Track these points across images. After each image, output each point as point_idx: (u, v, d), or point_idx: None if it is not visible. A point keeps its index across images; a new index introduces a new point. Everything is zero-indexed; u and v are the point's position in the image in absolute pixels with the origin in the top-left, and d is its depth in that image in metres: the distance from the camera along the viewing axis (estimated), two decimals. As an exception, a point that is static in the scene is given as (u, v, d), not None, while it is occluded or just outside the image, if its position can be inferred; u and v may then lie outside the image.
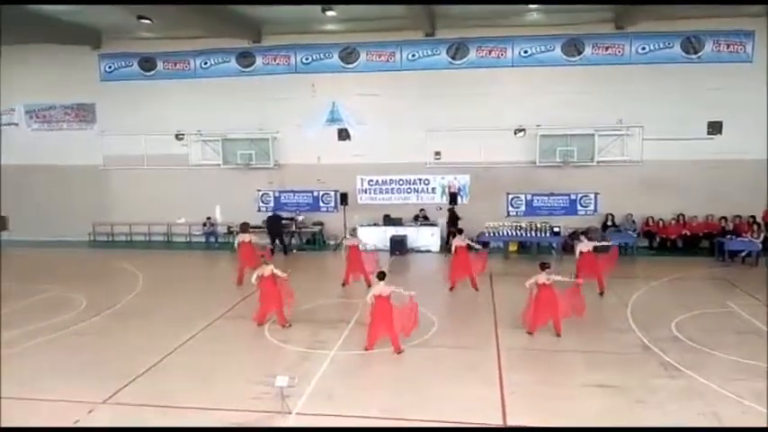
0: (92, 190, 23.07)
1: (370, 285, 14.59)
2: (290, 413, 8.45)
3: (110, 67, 22.68)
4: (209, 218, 21.98)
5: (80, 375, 9.98)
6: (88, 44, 22.16)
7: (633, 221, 19.82)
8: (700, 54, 19.47)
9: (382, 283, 10.94)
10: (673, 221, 19.84)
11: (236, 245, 16.98)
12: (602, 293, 14.46)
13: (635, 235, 19.37)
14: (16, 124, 23.62)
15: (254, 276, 12.46)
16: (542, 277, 11.51)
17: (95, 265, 19.55)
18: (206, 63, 22.04)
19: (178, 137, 22.38)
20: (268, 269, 12.36)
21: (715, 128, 19.65)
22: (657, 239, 19.84)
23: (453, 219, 20.00)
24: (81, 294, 14.98)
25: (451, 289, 15.18)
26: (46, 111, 23.38)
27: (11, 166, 23.28)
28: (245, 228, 16.88)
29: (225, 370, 10.31)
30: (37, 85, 23.12)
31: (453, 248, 15.36)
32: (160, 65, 22.33)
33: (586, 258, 14.55)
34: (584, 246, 14.69)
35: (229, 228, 21.90)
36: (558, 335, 11.52)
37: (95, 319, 13.23)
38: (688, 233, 19.58)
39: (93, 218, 23.12)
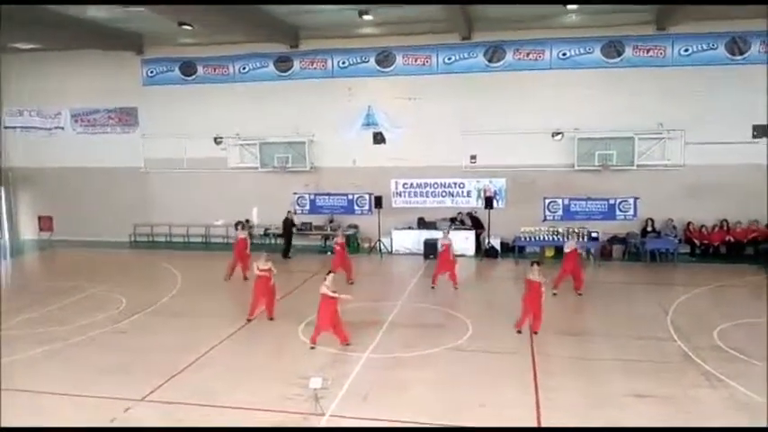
0: (133, 192, 23.61)
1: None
2: (323, 414, 8.49)
3: (152, 72, 23.21)
4: (247, 220, 22.24)
5: (119, 373, 10.22)
6: (131, 50, 22.70)
7: (674, 227, 19.34)
8: (745, 55, 18.92)
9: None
10: (715, 227, 19.31)
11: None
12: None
13: (676, 240, 18.90)
14: (62, 128, 24.32)
15: (255, 268, 13.22)
16: (532, 274, 12.00)
17: (135, 265, 19.99)
18: (245, 68, 22.36)
19: (217, 140, 22.75)
20: (264, 265, 13.04)
21: (761, 131, 19.03)
22: (699, 245, 19.34)
23: (476, 223, 20.37)
24: (121, 293, 15.35)
25: (433, 287, 15.77)
26: (90, 115, 24.02)
27: (56, 169, 24.03)
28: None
29: (260, 370, 10.43)
30: (82, 90, 23.79)
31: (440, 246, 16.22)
32: (200, 70, 22.74)
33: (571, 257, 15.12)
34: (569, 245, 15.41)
35: (266, 230, 22.21)
36: (535, 331, 11.91)
37: (135, 317, 13.54)
38: (732, 239, 19.04)
39: (134, 219, 23.67)
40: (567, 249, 15.27)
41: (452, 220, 20.72)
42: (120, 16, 18.91)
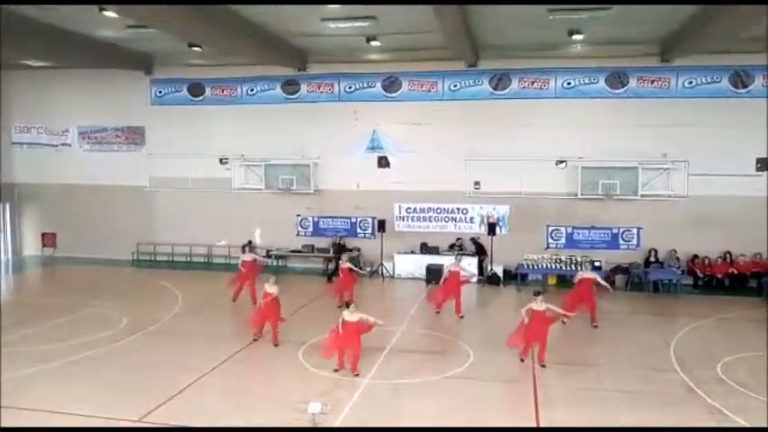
0: (137, 210, 23.67)
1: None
2: (321, 440, 8.42)
3: (160, 92, 23.45)
4: (250, 241, 22.25)
5: (117, 392, 10.16)
6: (140, 69, 22.95)
7: (677, 258, 19.28)
8: (749, 88, 19.06)
9: (347, 311, 11.38)
10: (719, 259, 19.26)
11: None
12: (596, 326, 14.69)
13: (679, 272, 18.83)
14: (69, 145, 24.50)
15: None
16: (536, 304, 11.81)
17: (137, 284, 19.94)
18: (252, 90, 22.58)
19: (222, 161, 22.88)
20: (272, 288, 12.96)
21: (764, 164, 19.11)
22: (702, 277, 19.25)
23: (479, 249, 20.39)
24: (122, 312, 15.29)
25: (438, 312, 15.79)
26: (98, 133, 24.21)
27: (61, 185, 24.17)
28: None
29: (259, 393, 10.37)
30: (91, 108, 24.03)
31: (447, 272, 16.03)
32: (208, 91, 22.96)
33: (584, 285, 14.76)
34: (586, 274, 15.13)
35: (268, 251, 22.20)
36: (542, 362, 11.73)
37: (135, 336, 13.48)
38: (735, 272, 18.97)
39: (138, 238, 23.70)
40: (579, 276, 15.04)
41: (452, 246, 20.69)
42: (130, 36, 19.14)
